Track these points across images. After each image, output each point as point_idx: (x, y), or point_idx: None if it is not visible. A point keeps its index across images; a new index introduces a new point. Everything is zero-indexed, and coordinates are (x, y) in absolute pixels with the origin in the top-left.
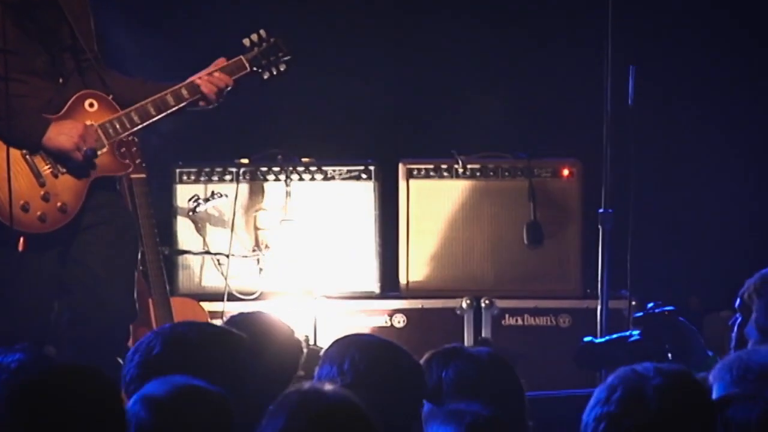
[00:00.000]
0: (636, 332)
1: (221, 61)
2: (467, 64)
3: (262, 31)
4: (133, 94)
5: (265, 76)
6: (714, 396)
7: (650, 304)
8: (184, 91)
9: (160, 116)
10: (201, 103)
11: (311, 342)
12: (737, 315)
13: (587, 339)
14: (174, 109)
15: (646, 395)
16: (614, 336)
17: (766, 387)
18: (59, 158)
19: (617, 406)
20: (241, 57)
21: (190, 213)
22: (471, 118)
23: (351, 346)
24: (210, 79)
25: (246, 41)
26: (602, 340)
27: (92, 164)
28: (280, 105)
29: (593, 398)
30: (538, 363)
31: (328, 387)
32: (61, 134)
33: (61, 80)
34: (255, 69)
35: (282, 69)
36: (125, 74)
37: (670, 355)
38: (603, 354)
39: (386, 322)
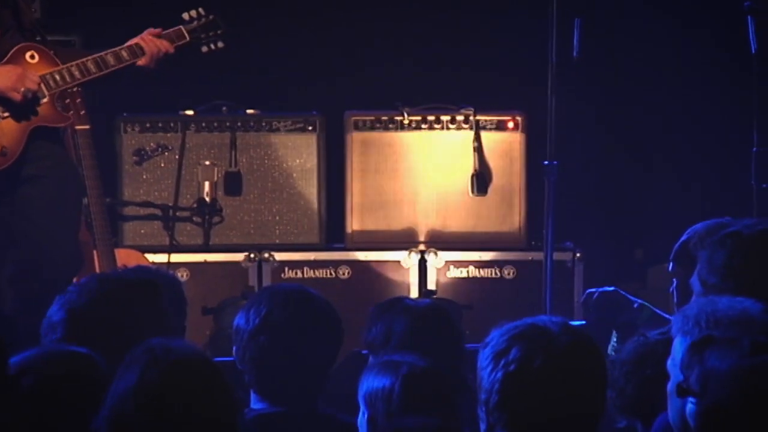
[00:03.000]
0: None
1: (158, 31)
2: (412, 15)
3: (200, 9)
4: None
5: (204, 50)
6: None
7: (589, 290)
8: (124, 53)
9: (100, 74)
10: (140, 62)
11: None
12: (674, 279)
13: None
14: (113, 68)
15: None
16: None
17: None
18: None
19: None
20: (181, 27)
21: (135, 164)
22: (416, 69)
23: (272, 294)
24: (153, 39)
25: (185, 15)
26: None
27: (32, 110)
28: (225, 56)
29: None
30: (483, 314)
31: (177, 342)
32: None
33: None
34: (193, 41)
35: (220, 46)
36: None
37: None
38: None
39: (331, 273)
